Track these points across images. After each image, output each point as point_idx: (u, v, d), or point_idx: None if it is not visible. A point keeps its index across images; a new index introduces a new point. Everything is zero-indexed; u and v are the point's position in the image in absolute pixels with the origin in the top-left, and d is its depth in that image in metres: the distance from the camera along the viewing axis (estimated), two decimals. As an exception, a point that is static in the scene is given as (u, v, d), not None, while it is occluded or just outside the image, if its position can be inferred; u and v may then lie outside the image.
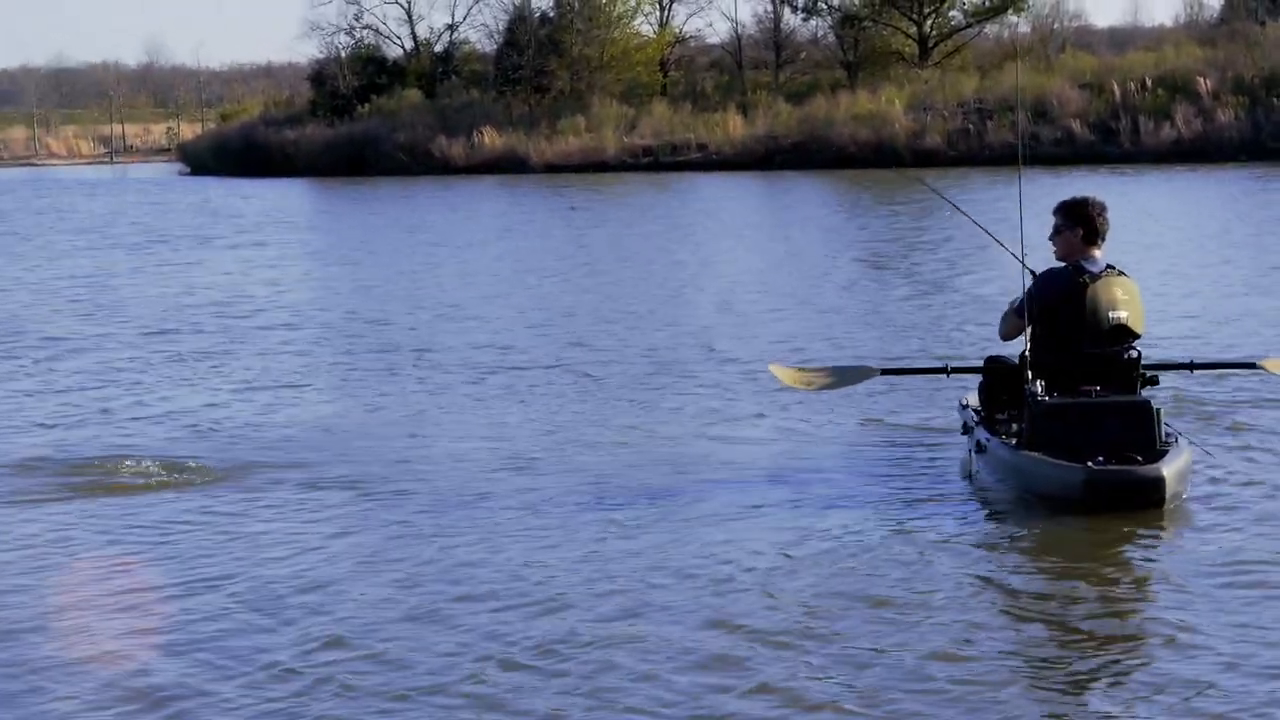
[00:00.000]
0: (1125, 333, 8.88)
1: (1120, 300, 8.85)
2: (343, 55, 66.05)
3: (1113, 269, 8.96)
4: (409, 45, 68.05)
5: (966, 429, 9.61)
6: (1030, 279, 9.04)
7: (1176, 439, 8.71)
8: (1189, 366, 10.21)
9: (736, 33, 63.84)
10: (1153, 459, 8.36)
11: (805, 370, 10.59)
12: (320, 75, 65.72)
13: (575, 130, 55.39)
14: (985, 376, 9.49)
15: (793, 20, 62.96)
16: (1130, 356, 8.91)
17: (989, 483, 9.06)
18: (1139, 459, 8.37)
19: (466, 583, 7.54)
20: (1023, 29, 61.60)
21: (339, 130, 60.37)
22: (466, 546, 8.20)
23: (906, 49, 59.52)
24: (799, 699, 6.00)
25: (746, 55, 62.78)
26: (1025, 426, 8.77)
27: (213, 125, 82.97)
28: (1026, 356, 8.96)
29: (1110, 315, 8.81)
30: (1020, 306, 9.03)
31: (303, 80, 70.90)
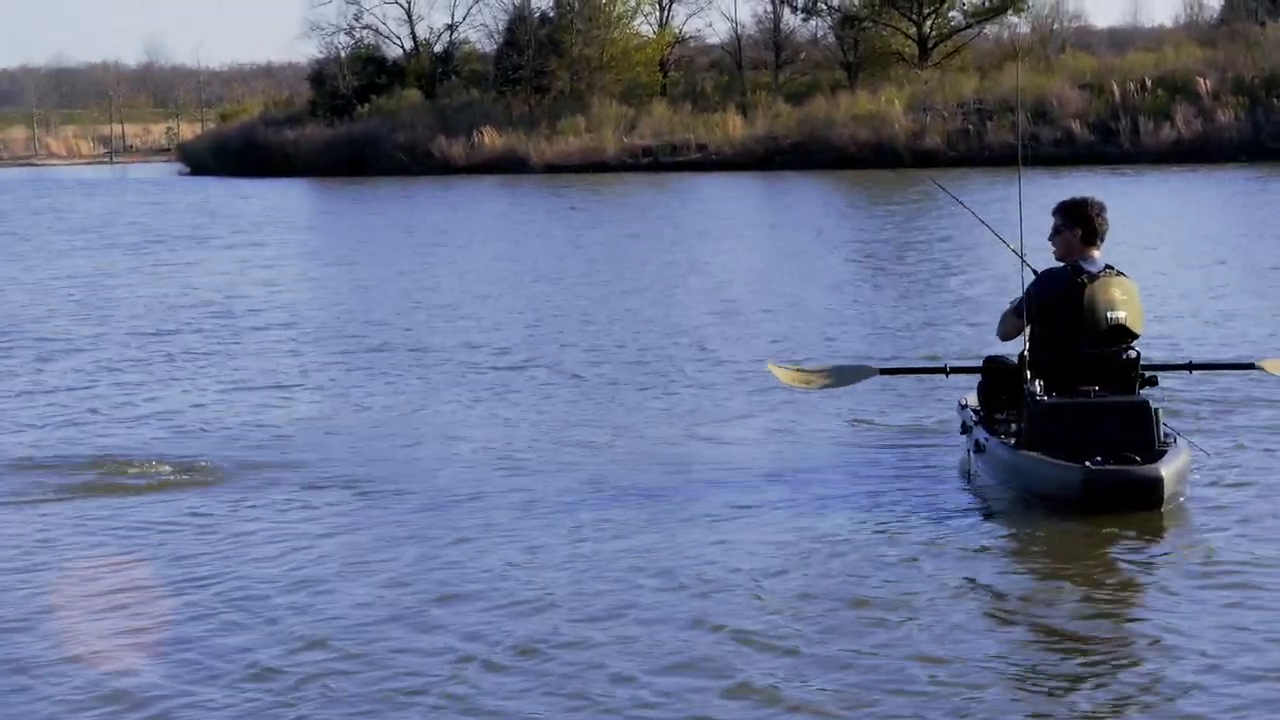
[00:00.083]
0: (1123, 333, 8.86)
1: (1119, 300, 8.83)
2: (342, 55, 66.11)
3: (1111, 269, 8.95)
4: (409, 45, 68.14)
5: (965, 429, 9.59)
6: (1030, 278, 9.02)
7: (1175, 439, 8.68)
8: (1188, 367, 10.21)
9: (736, 33, 64.00)
10: (1151, 459, 8.33)
11: (804, 370, 10.57)
12: (320, 75, 65.77)
13: (575, 130, 55.40)
14: (984, 376, 9.49)
15: (792, 20, 63.13)
16: (1129, 357, 8.88)
17: (988, 483, 9.03)
18: (1137, 459, 8.34)
19: (454, 583, 7.51)
20: (1022, 29, 61.75)
21: (339, 130, 60.40)
22: (455, 546, 8.16)
23: (906, 49, 59.53)
24: (777, 699, 5.96)
25: (746, 55, 62.80)
26: (1024, 426, 8.74)
27: (212, 125, 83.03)
28: (1025, 356, 8.95)
29: (1108, 315, 8.79)
30: (1019, 307, 9.02)
31: (302, 80, 70.96)
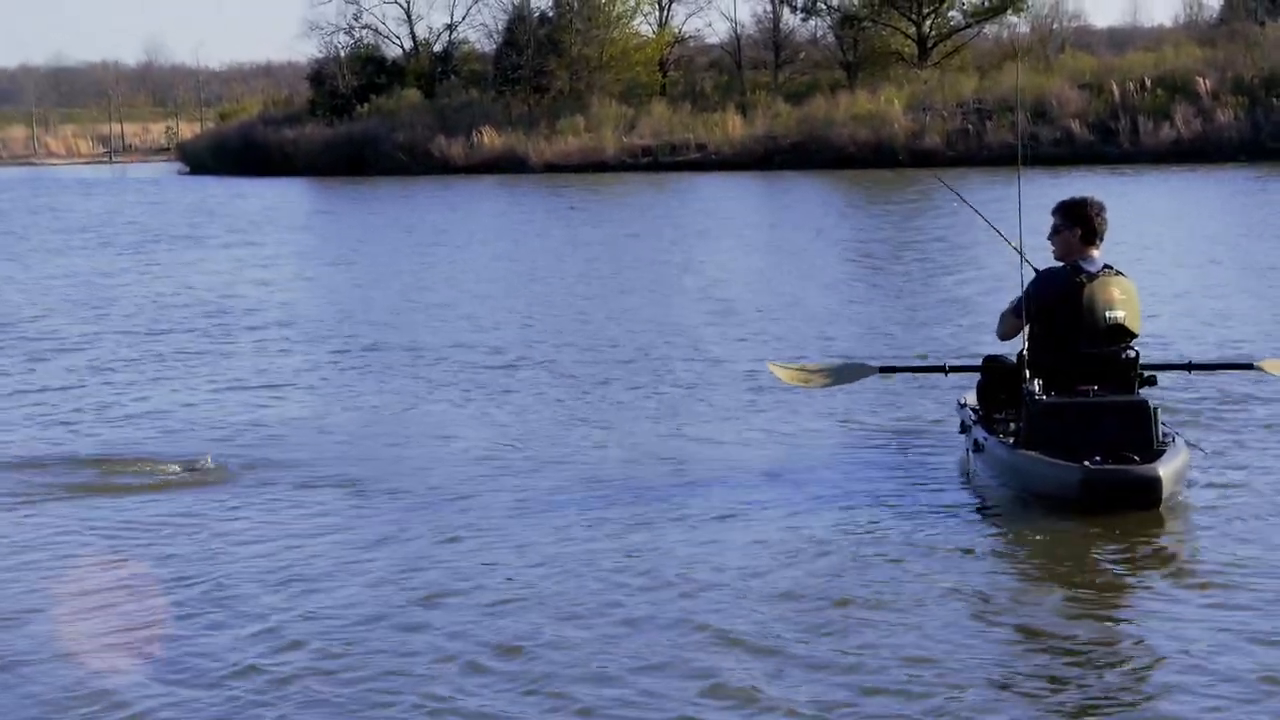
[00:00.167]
0: (1122, 332, 8.86)
1: (1117, 300, 8.83)
2: (342, 55, 66.09)
3: (1110, 269, 8.95)
4: (408, 45, 68.14)
5: (964, 428, 9.59)
6: (1030, 277, 9.02)
7: (1174, 439, 8.66)
8: (1187, 367, 10.21)
9: (736, 33, 64.00)
10: (1150, 459, 8.31)
11: (804, 369, 10.57)
12: (319, 75, 65.75)
13: (574, 130, 55.39)
14: (983, 375, 9.49)
15: (792, 20, 63.14)
16: (1128, 356, 8.88)
17: (986, 482, 9.02)
18: (1136, 458, 8.32)
19: (439, 583, 7.49)
20: (1022, 29, 61.76)
21: (338, 130, 60.38)
22: (443, 546, 8.14)
23: (906, 49, 59.54)
24: (756, 699, 5.94)
25: (746, 55, 62.80)
26: (1023, 426, 8.73)
27: (212, 125, 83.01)
28: (1024, 356, 8.94)
29: (1107, 315, 8.80)
30: (1018, 306, 9.02)
31: (302, 80, 70.91)
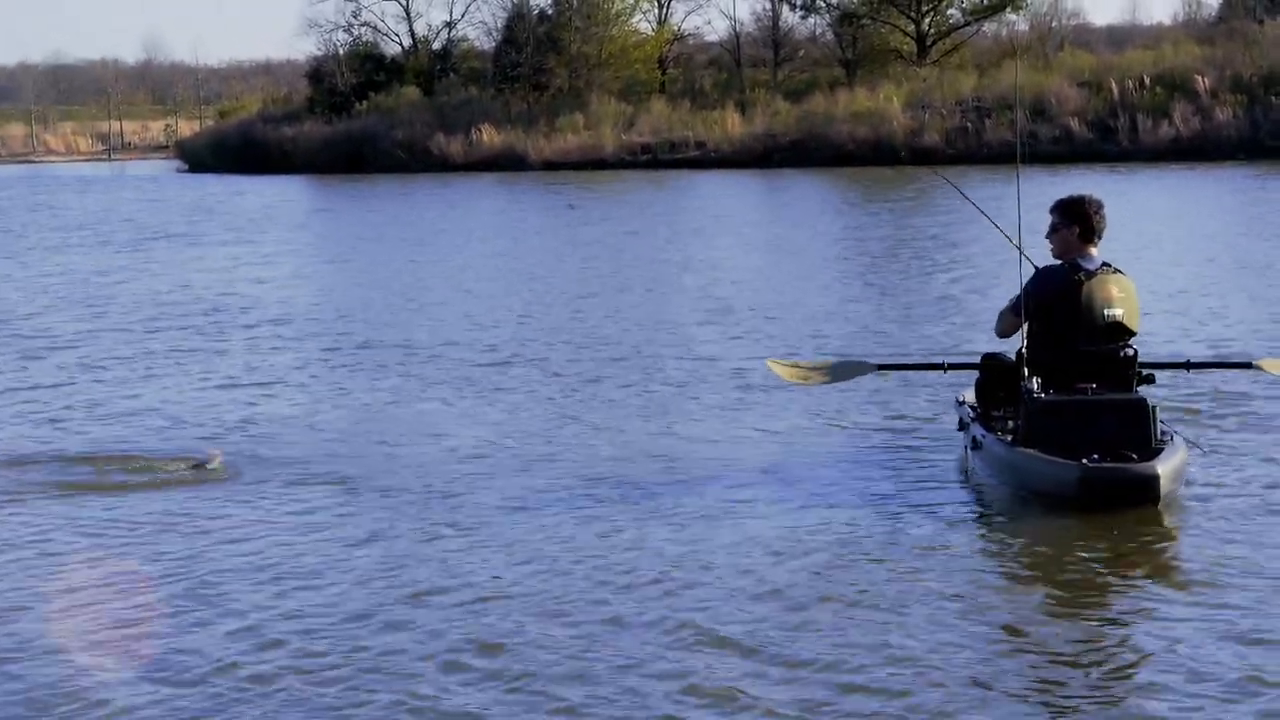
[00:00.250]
0: (1121, 330, 8.86)
1: (1116, 298, 8.83)
2: (341, 52, 66.06)
3: (1109, 266, 8.95)
4: (407, 43, 68.16)
5: (963, 425, 9.59)
6: (1029, 274, 9.01)
7: (1172, 437, 8.66)
8: (1186, 365, 10.20)
9: (735, 30, 64.02)
10: (1148, 457, 8.31)
11: (802, 366, 10.56)
12: (318, 72, 65.72)
13: (574, 128, 55.37)
14: (982, 373, 9.49)
15: (791, 18, 63.16)
16: (1126, 354, 8.87)
17: (985, 480, 9.01)
18: (1134, 457, 8.32)
19: (424, 580, 7.49)
20: (1021, 27, 61.78)
21: (337, 127, 60.35)
22: (429, 544, 8.14)
23: (905, 47, 59.53)
24: (735, 697, 5.94)
25: (745, 53, 62.80)
26: (1021, 423, 8.73)
27: (211, 122, 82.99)
28: (1023, 353, 8.94)
29: (1105, 313, 8.80)
30: (1017, 304, 9.02)
31: (301, 77, 70.89)
